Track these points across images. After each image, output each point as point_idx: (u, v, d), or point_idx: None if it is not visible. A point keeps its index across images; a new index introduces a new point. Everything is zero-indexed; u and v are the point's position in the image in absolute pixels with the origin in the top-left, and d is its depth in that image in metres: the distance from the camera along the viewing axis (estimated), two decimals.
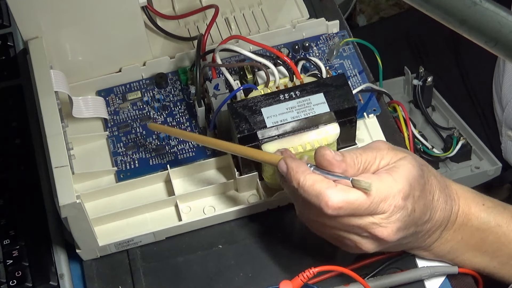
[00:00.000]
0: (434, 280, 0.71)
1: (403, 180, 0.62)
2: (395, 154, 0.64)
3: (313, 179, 0.61)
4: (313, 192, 0.61)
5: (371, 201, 0.60)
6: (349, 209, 0.60)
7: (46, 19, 0.75)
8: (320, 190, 0.60)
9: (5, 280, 0.73)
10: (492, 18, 0.48)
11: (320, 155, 0.62)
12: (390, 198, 0.61)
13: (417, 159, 0.65)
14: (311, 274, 0.62)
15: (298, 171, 0.62)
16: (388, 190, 0.61)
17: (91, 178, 0.77)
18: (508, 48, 0.49)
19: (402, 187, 0.61)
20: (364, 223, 0.62)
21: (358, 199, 0.60)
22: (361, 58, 0.84)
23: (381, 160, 0.64)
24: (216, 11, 0.82)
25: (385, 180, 0.61)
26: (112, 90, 0.83)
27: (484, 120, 1.07)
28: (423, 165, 0.65)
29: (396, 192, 0.61)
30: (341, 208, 0.60)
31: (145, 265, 0.74)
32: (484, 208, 0.68)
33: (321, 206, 0.60)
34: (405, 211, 0.62)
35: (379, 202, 0.61)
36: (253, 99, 0.71)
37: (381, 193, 0.61)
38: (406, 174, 0.62)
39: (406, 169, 0.62)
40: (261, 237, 0.75)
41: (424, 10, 0.51)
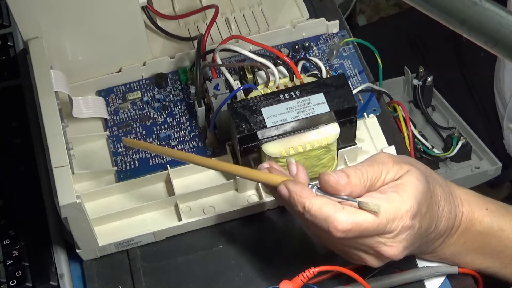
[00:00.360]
0: (434, 280, 0.71)
1: (411, 199, 0.61)
2: (400, 168, 0.63)
3: (319, 203, 0.60)
4: (321, 216, 0.60)
5: (380, 223, 0.60)
6: (357, 231, 0.60)
7: (46, 19, 0.75)
8: (328, 214, 0.59)
9: (5, 280, 0.73)
10: (492, 18, 0.48)
11: (324, 182, 0.61)
12: (398, 219, 0.60)
13: (421, 171, 0.64)
14: (311, 274, 0.62)
15: (302, 195, 0.60)
16: (397, 211, 0.60)
17: (91, 178, 0.77)
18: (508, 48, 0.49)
19: (411, 207, 0.61)
20: (371, 242, 0.62)
21: (366, 221, 0.59)
22: (361, 58, 0.84)
23: (386, 175, 0.63)
24: (216, 11, 0.82)
25: (393, 200, 0.60)
26: (112, 90, 0.83)
27: (486, 118, 1.07)
28: (428, 175, 0.64)
29: (404, 212, 0.60)
30: (349, 230, 0.59)
31: (145, 265, 0.74)
32: (487, 212, 0.68)
33: (329, 229, 0.59)
34: (412, 230, 0.62)
35: (387, 223, 0.60)
36: (253, 99, 0.71)
37: (390, 214, 0.60)
38: (414, 191, 0.61)
39: (414, 186, 0.61)
40: (261, 237, 0.75)
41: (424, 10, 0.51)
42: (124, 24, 0.78)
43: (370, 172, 0.62)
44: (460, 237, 0.68)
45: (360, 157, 0.77)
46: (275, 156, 0.70)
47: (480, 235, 0.68)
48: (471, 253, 0.69)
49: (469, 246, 0.68)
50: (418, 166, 0.65)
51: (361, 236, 0.61)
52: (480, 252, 0.69)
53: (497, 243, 0.68)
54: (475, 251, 0.69)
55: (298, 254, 0.73)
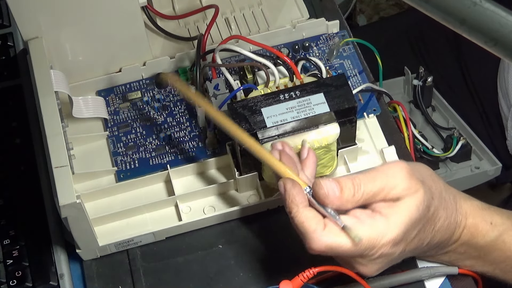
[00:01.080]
0: (434, 281, 0.71)
1: (399, 228, 0.59)
2: (409, 187, 0.60)
3: (304, 216, 0.60)
4: (301, 229, 0.60)
5: (357, 250, 0.59)
6: (332, 253, 0.60)
7: (46, 19, 0.75)
8: (307, 230, 0.59)
9: (5, 280, 0.73)
10: (492, 18, 0.48)
11: (314, 192, 0.61)
12: (378, 247, 0.60)
13: (428, 194, 0.61)
14: (311, 274, 0.62)
15: (294, 201, 0.60)
16: (377, 240, 0.59)
17: (91, 178, 0.77)
18: (508, 48, 0.49)
19: (395, 236, 0.60)
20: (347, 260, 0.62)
21: (343, 246, 0.59)
22: (361, 58, 0.84)
23: (391, 190, 0.60)
24: (216, 11, 0.82)
25: (378, 227, 0.59)
26: (112, 90, 0.83)
27: (486, 118, 1.07)
28: (434, 198, 0.62)
29: (386, 242, 0.60)
30: (323, 252, 0.60)
31: (145, 265, 0.74)
32: (492, 227, 0.67)
33: (305, 244, 0.60)
34: (391, 256, 0.61)
35: (365, 250, 0.60)
36: (253, 99, 0.71)
37: (370, 243, 0.59)
38: (405, 219, 0.60)
39: (408, 214, 0.60)
40: (261, 237, 0.75)
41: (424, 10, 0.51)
42: (124, 24, 0.78)
43: (369, 187, 0.60)
44: (460, 247, 0.67)
45: (360, 157, 0.77)
46: None
47: (482, 247, 0.67)
48: (470, 259, 0.69)
49: (468, 255, 0.68)
50: (429, 184, 0.62)
51: (337, 257, 0.62)
52: (480, 259, 0.69)
53: (499, 254, 0.68)
54: (475, 258, 0.69)
55: (298, 254, 0.73)
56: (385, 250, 0.60)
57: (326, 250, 0.60)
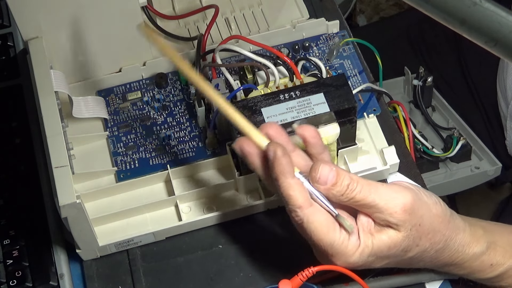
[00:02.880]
0: (435, 283, 0.71)
1: (366, 255, 0.61)
2: (401, 223, 0.60)
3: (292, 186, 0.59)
4: (286, 198, 0.59)
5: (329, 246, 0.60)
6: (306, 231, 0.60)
7: (46, 19, 0.75)
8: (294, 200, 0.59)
9: (5, 280, 0.73)
10: (492, 18, 0.48)
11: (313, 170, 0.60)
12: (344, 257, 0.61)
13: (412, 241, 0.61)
14: (310, 274, 0.62)
15: (284, 170, 0.59)
16: (347, 253, 0.60)
17: (91, 178, 0.77)
18: (508, 48, 0.49)
19: (357, 260, 0.61)
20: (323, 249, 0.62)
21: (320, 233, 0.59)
22: (361, 58, 0.84)
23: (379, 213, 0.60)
24: (216, 11, 0.82)
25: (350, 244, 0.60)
26: (112, 90, 0.83)
27: (486, 118, 1.07)
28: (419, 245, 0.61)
29: (352, 261, 0.61)
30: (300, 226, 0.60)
31: (145, 265, 0.74)
32: (491, 268, 0.66)
33: (287, 209, 0.60)
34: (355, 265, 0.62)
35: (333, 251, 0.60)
36: (253, 99, 0.71)
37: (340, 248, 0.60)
38: (373, 250, 0.61)
39: (377, 246, 0.61)
40: (261, 237, 0.75)
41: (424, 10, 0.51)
42: (124, 24, 0.78)
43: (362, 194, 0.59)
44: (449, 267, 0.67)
45: (360, 157, 0.77)
46: None
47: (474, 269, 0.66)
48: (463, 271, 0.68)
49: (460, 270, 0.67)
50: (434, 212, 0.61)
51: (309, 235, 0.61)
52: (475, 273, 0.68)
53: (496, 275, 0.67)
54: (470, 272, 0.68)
55: (298, 253, 0.73)
56: (346, 261, 0.61)
57: (302, 226, 0.60)
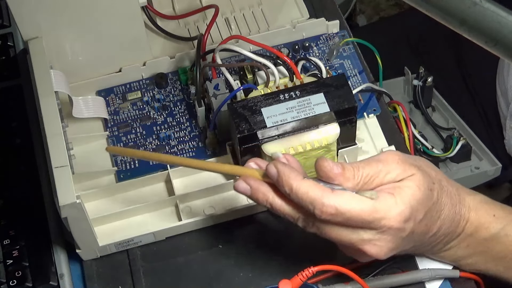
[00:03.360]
0: (435, 283, 0.71)
1: (405, 204, 0.60)
2: (403, 170, 0.61)
3: (306, 185, 0.59)
4: (308, 200, 0.59)
5: (364, 217, 0.59)
6: (341, 217, 0.59)
7: (46, 19, 0.75)
8: (314, 197, 0.59)
9: (5, 280, 0.73)
10: (492, 18, 0.48)
11: (318, 165, 0.61)
12: (386, 219, 0.60)
13: (426, 177, 0.62)
14: (310, 274, 0.62)
15: (291, 176, 0.60)
16: (386, 211, 0.59)
17: (91, 178, 0.77)
18: (508, 48, 0.49)
19: (402, 210, 0.60)
20: (356, 240, 0.61)
21: (353, 209, 0.59)
22: (361, 58, 0.84)
23: (386, 174, 0.61)
24: (216, 11, 0.82)
25: (385, 200, 0.60)
26: (112, 90, 0.83)
27: (486, 119, 1.07)
28: (435, 182, 0.63)
29: (394, 214, 0.60)
30: (334, 215, 0.59)
31: (145, 265, 0.74)
32: (494, 219, 0.67)
33: (315, 212, 0.59)
34: (400, 233, 0.61)
35: (374, 220, 0.59)
36: (253, 99, 0.71)
37: (377, 213, 0.59)
38: (409, 197, 0.60)
39: (410, 192, 0.60)
40: (261, 237, 0.75)
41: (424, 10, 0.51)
42: (124, 24, 0.78)
43: (367, 170, 0.61)
44: (463, 242, 0.68)
45: (360, 157, 0.77)
46: None
47: (485, 240, 0.68)
48: (473, 256, 0.69)
49: (472, 250, 0.68)
50: (427, 170, 0.63)
51: (346, 225, 0.60)
52: (483, 255, 0.69)
53: (501, 249, 0.68)
54: (479, 254, 0.69)
55: (298, 253, 0.73)
56: (393, 224, 0.60)
57: (336, 213, 0.59)
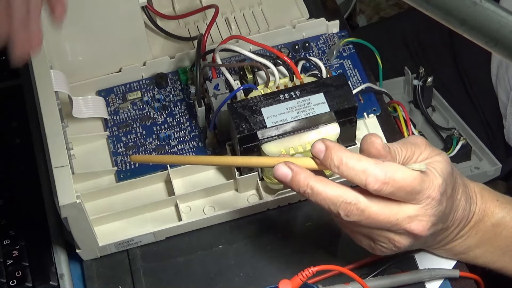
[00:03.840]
0: (435, 283, 0.71)
1: (441, 176, 0.62)
2: (432, 150, 0.64)
3: (358, 156, 0.60)
4: (359, 168, 0.59)
5: (415, 184, 0.60)
6: (394, 187, 0.59)
7: (46, 19, 0.75)
8: (367, 165, 0.59)
9: (5, 280, 0.73)
10: (492, 18, 0.48)
11: (370, 142, 0.61)
12: (431, 189, 0.61)
13: (448, 157, 0.65)
14: (310, 273, 0.62)
15: (340, 148, 0.60)
16: (430, 183, 0.61)
17: (91, 178, 0.77)
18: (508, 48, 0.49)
19: (442, 182, 0.61)
20: (401, 217, 0.61)
21: (404, 179, 0.59)
22: (361, 58, 0.84)
23: (419, 155, 0.63)
24: (216, 11, 0.82)
25: (427, 173, 0.61)
26: (112, 90, 0.83)
27: (485, 119, 1.07)
28: (451, 162, 0.65)
29: (436, 185, 0.61)
30: (387, 183, 0.59)
31: (145, 265, 0.74)
32: (499, 204, 0.69)
33: (367, 181, 0.59)
34: (440, 206, 0.62)
35: (421, 190, 0.60)
36: (253, 99, 0.71)
37: (426, 182, 0.60)
38: (443, 170, 0.62)
39: (443, 166, 0.62)
40: (261, 237, 0.75)
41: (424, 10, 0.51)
42: (124, 24, 0.78)
43: (404, 151, 0.63)
44: (473, 229, 0.68)
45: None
46: (275, 156, 0.70)
47: (492, 226, 0.68)
48: (481, 245, 0.69)
49: (480, 237, 0.69)
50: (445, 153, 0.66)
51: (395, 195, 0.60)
52: (490, 244, 0.69)
53: (507, 235, 0.69)
54: (486, 243, 0.69)
55: (298, 253, 0.73)
56: (437, 195, 0.61)
57: (388, 181, 0.59)
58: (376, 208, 0.60)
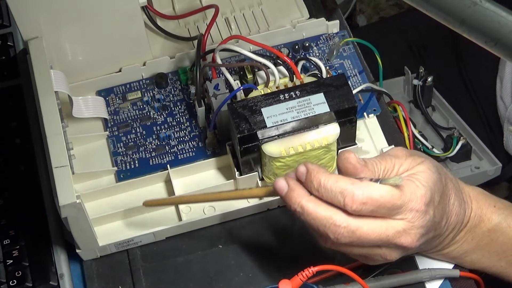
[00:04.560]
0: (435, 283, 0.71)
1: (424, 186, 0.61)
2: (413, 160, 0.63)
3: (335, 177, 0.60)
4: (337, 189, 0.59)
5: (395, 201, 0.60)
6: (373, 206, 0.59)
7: (46, 19, 0.75)
8: (345, 186, 0.59)
9: (5, 280, 0.73)
10: (492, 18, 0.48)
11: (344, 158, 0.61)
12: (414, 201, 0.60)
13: (434, 163, 0.64)
14: (310, 273, 0.62)
15: (319, 171, 0.61)
16: (411, 195, 0.60)
17: (91, 178, 0.77)
18: (508, 48, 0.49)
19: (424, 192, 0.61)
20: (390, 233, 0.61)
21: (383, 196, 0.59)
22: (361, 58, 0.84)
23: (400, 167, 0.63)
24: (216, 11, 0.82)
25: (407, 185, 0.61)
26: (112, 90, 0.83)
27: (485, 118, 1.07)
28: (439, 168, 0.65)
29: (419, 196, 0.61)
30: (365, 203, 0.59)
31: (145, 265, 0.74)
32: (495, 209, 0.68)
33: (346, 203, 0.59)
34: (427, 216, 0.61)
35: (402, 204, 0.60)
36: (253, 99, 0.71)
37: (404, 196, 0.60)
38: (427, 180, 0.62)
39: (426, 175, 0.62)
40: (261, 237, 0.75)
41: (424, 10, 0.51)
42: (124, 24, 0.78)
43: (383, 164, 0.63)
44: (469, 234, 0.68)
45: (360, 157, 0.77)
46: (275, 156, 0.70)
47: (488, 231, 0.68)
48: (477, 251, 0.69)
49: (476, 243, 0.69)
50: (430, 159, 0.65)
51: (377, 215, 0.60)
52: (487, 249, 0.69)
53: (504, 241, 0.68)
54: (482, 248, 0.69)
55: (298, 253, 0.73)
56: (420, 207, 0.61)
57: (368, 201, 0.59)
58: (367, 228, 0.60)
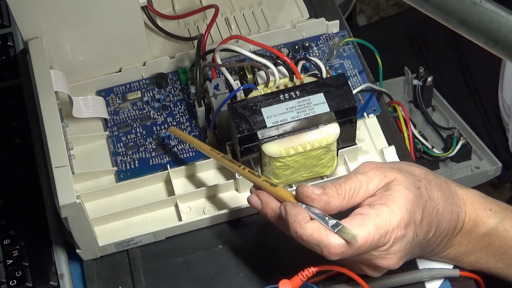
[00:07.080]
0: (435, 282, 0.71)
1: (401, 209, 0.60)
2: (384, 176, 0.62)
3: (311, 227, 0.60)
4: (313, 242, 0.60)
5: (372, 241, 0.59)
6: (351, 252, 0.60)
7: (46, 19, 0.75)
8: (320, 239, 0.60)
9: (5, 280, 0.73)
10: (492, 18, 0.48)
11: (299, 193, 0.62)
12: (390, 232, 0.60)
13: (408, 177, 0.63)
14: (310, 273, 0.62)
15: (296, 220, 0.61)
16: (387, 225, 0.60)
17: (91, 178, 0.77)
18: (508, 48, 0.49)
19: (401, 217, 0.60)
20: (367, 257, 0.62)
21: (361, 238, 0.59)
22: (361, 58, 0.84)
23: (369, 183, 0.62)
24: (216, 11, 0.82)
25: (382, 214, 0.60)
26: (112, 90, 0.83)
27: (486, 118, 1.07)
28: (420, 180, 0.64)
29: (396, 224, 0.60)
30: (343, 253, 0.59)
31: (145, 265, 0.74)
32: (491, 213, 0.68)
33: (323, 254, 0.60)
34: (406, 239, 0.61)
35: (379, 239, 0.60)
36: (253, 99, 0.71)
37: (381, 229, 0.60)
38: (403, 201, 0.61)
39: (402, 195, 0.61)
40: (261, 236, 0.75)
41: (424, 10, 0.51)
42: (124, 24, 0.78)
43: (349, 184, 0.62)
44: (464, 238, 0.68)
45: (360, 157, 0.77)
46: (275, 156, 0.70)
47: (484, 235, 0.68)
48: (474, 253, 0.69)
49: (473, 246, 0.68)
50: (410, 169, 0.64)
51: (357, 254, 0.61)
52: (484, 252, 0.69)
53: (501, 244, 0.68)
54: (479, 251, 0.69)
55: (298, 253, 0.73)
56: (397, 234, 0.60)
57: (345, 250, 0.59)
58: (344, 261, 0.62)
